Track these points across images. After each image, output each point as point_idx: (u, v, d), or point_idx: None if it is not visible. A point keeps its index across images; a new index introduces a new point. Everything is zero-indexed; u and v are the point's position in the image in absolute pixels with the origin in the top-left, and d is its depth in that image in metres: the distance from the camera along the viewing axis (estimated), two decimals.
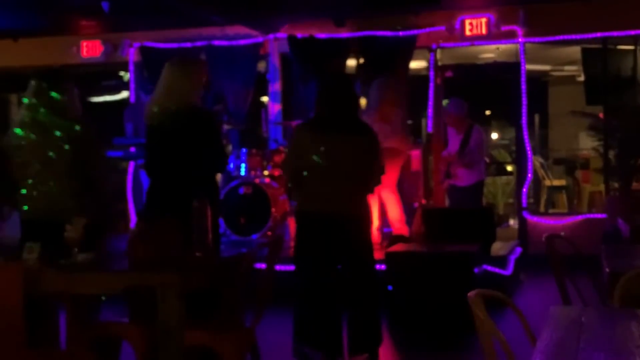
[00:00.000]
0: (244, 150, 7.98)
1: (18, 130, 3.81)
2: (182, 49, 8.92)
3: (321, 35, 8.65)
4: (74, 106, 3.91)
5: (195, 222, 3.53)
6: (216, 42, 8.91)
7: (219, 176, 6.83)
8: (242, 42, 8.90)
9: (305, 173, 4.25)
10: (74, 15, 8.58)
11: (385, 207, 7.04)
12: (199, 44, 8.95)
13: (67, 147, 3.74)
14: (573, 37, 8.42)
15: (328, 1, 8.13)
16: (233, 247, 7.21)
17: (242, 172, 7.87)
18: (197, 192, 3.77)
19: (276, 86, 9.24)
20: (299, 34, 8.69)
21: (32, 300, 3.11)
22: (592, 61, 8.91)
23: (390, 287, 5.65)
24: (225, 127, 8.18)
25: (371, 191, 4.53)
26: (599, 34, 8.27)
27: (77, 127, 3.79)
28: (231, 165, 7.91)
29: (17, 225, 3.69)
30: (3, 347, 3.05)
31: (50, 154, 3.74)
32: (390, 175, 6.60)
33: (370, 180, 4.39)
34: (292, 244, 6.93)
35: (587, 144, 9.78)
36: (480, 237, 6.32)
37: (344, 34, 8.64)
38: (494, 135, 12.80)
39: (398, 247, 6.17)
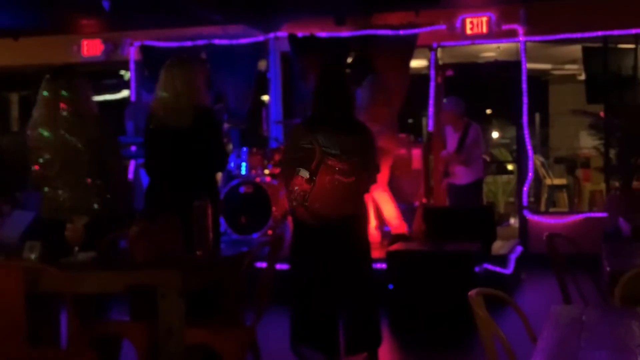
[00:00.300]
0: (244, 149, 7.98)
1: (36, 131, 3.81)
2: (183, 47, 8.92)
3: (322, 34, 8.64)
4: (90, 105, 3.91)
5: (195, 221, 3.52)
6: (217, 41, 8.91)
7: (219, 175, 6.84)
8: (243, 40, 8.90)
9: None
10: (74, 14, 8.58)
11: (380, 207, 7.04)
12: (199, 42, 8.95)
13: (85, 146, 3.75)
14: (574, 35, 8.42)
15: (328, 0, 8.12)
16: (234, 246, 7.21)
17: (243, 171, 7.87)
18: (197, 190, 3.76)
19: (277, 85, 9.24)
20: (300, 32, 8.69)
21: (33, 298, 3.12)
22: (593, 60, 8.90)
23: (391, 286, 5.65)
24: (226, 126, 8.18)
25: (367, 190, 4.52)
26: (599, 33, 8.26)
27: (94, 126, 3.80)
28: (232, 164, 7.91)
29: (17, 223, 3.68)
30: (4, 345, 3.05)
31: (70, 153, 3.74)
32: (382, 174, 6.60)
33: (366, 179, 4.39)
34: None
35: (587, 142, 9.77)
36: (481, 236, 6.33)
37: (344, 32, 8.64)
38: (495, 134, 12.79)
39: (399, 246, 6.17)
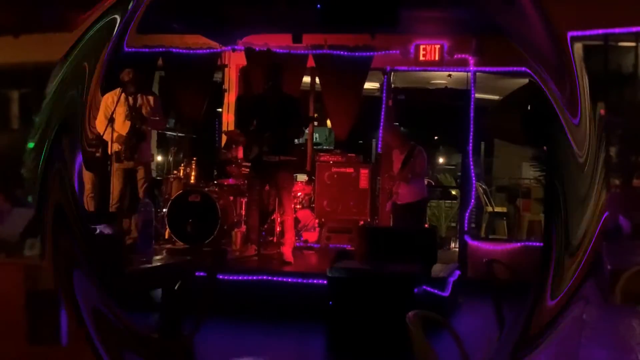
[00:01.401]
0: (195, 158, 7.93)
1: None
2: (140, 53, 8.77)
3: (279, 50, 8.63)
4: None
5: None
6: (174, 50, 8.86)
7: None
8: (200, 51, 8.86)
9: None
10: (75, 11, 8.38)
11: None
12: (156, 50, 8.86)
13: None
14: (522, 69, 8.65)
15: (286, 17, 8.14)
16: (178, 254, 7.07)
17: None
18: None
19: (232, 97, 9.21)
20: (257, 47, 8.72)
21: (33, 296, 3.07)
22: (593, 57, 8.97)
23: (330, 303, 5.47)
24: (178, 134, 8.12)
25: None
26: (600, 31, 8.32)
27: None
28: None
29: (17, 221, 3.60)
30: (4, 343, 3.00)
31: None
32: None
33: None
34: (237, 254, 6.77)
35: (529, 173, 9.97)
36: (422, 258, 6.07)
37: (301, 50, 8.63)
38: (441, 160, 12.73)
39: (341, 264, 5.95)
